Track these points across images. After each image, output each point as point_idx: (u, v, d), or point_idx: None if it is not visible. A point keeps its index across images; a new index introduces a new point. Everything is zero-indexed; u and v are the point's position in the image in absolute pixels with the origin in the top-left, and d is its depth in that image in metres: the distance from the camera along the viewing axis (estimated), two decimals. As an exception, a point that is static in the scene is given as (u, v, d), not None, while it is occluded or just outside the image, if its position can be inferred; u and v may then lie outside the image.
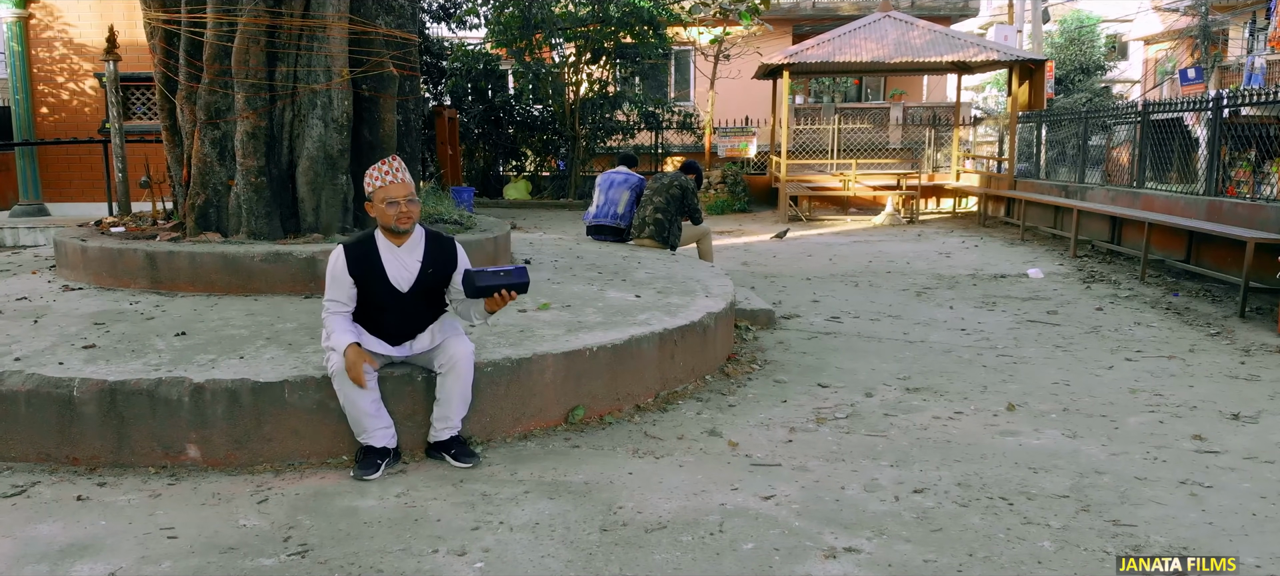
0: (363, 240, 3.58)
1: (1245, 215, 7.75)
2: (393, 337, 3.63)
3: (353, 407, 3.47)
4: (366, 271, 3.52)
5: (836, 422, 4.18)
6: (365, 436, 3.52)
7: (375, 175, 3.50)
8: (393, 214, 3.47)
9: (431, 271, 3.60)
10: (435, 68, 17.24)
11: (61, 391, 3.49)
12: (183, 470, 3.50)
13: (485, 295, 3.48)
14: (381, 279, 3.53)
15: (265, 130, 5.26)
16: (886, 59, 14.51)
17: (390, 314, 3.58)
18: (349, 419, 3.52)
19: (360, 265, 3.52)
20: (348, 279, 3.50)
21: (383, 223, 3.52)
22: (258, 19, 5.11)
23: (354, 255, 3.52)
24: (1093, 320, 6.72)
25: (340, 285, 3.51)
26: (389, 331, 3.61)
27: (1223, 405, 4.53)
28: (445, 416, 3.61)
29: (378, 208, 3.49)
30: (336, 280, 3.52)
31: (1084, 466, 3.64)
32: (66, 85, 11.98)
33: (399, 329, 3.63)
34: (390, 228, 3.51)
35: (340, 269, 3.51)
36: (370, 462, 3.48)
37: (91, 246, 5.14)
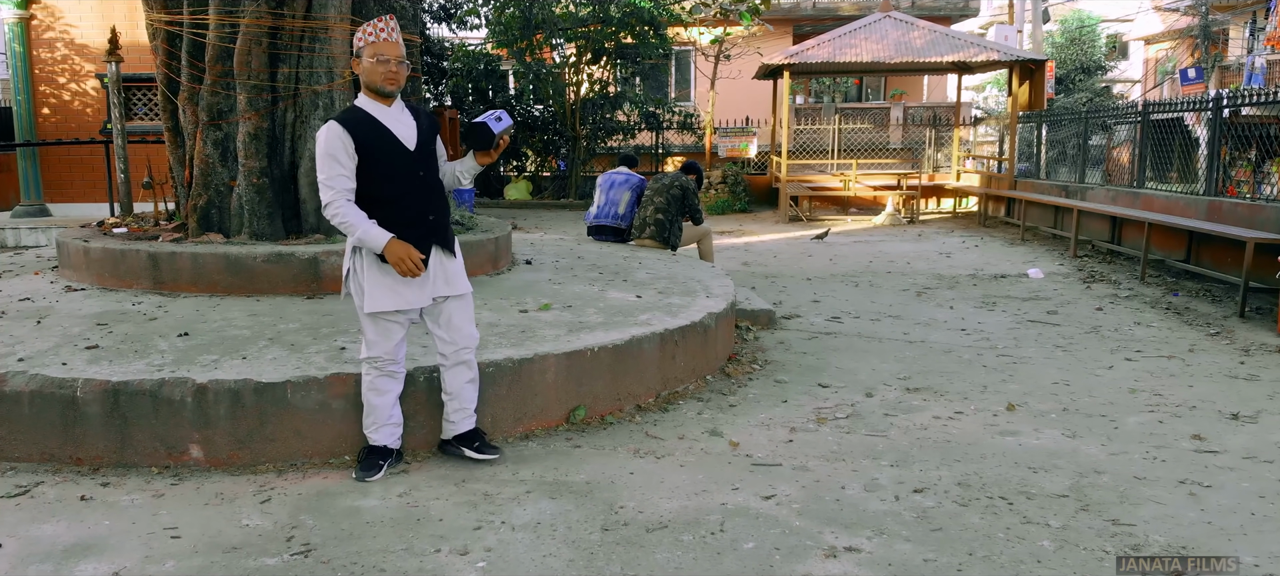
0: (349, 109, 3.29)
1: (1245, 215, 7.76)
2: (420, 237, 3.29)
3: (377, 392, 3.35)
4: (369, 132, 3.20)
5: (837, 422, 4.19)
6: (374, 431, 3.46)
7: (368, 30, 3.19)
8: (382, 72, 3.20)
9: (427, 128, 3.37)
10: (436, 68, 17.26)
11: (65, 392, 3.51)
12: (186, 470, 3.52)
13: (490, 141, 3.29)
14: (388, 137, 3.23)
15: (267, 131, 5.28)
16: (887, 59, 14.52)
17: (406, 184, 3.27)
18: (365, 404, 3.42)
19: (360, 127, 3.19)
20: (349, 144, 3.15)
21: (370, 83, 3.23)
22: (260, 20, 5.12)
23: (348, 120, 3.21)
24: (1093, 320, 6.73)
25: (340, 158, 3.15)
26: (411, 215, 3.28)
27: (1222, 405, 4.55)
28: (462, 407, 3.57)
29: (366, 65, 3.21)
30: (333, 155, 3.14)
31: (1083, 466, 3.65)
32: (68, 86, 12.00)
33: (419, 214, 3.30)
34: (377, 88, 3.24)
35: (336, 136, 3.14)
36: (372, 463, 3.46)
37: (94, 247, 5.15)
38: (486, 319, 4.51)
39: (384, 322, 3.35)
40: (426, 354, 3.86)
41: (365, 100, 3.29)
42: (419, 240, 3.30)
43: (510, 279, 5.67)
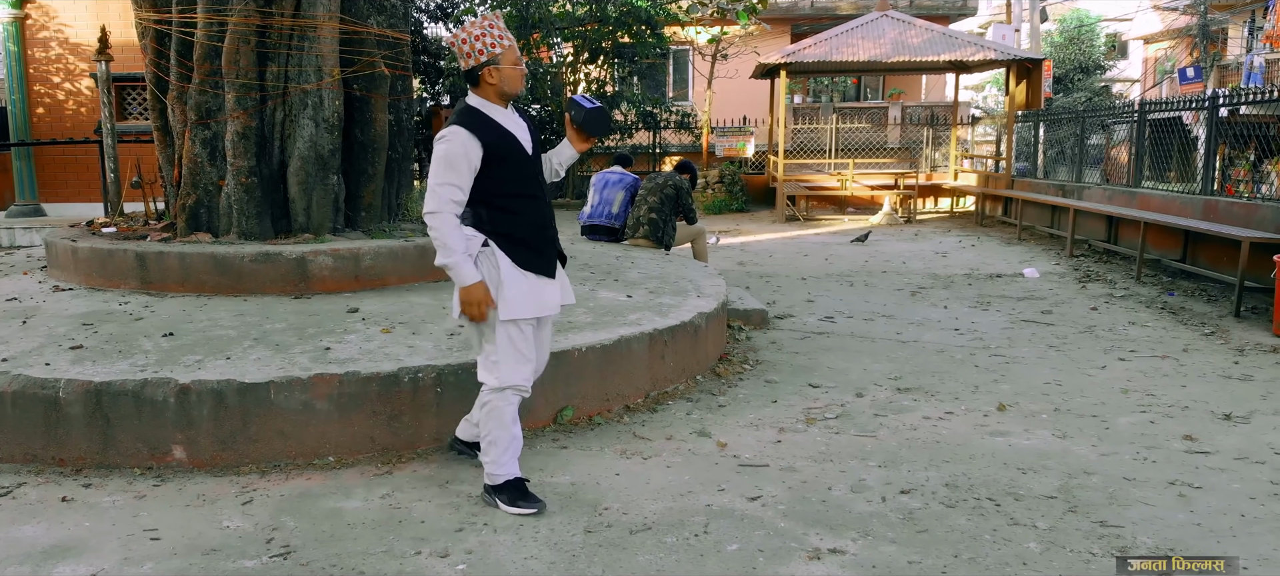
0: (468, 112, 3.06)
1: (1241, 215, 7.73)
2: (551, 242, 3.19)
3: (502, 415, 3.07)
4: (496, 137, 3.02)
5: (826, 423, 4.17)
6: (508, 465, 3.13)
7: (491, 39, 3.01)
8: (519, 76, 3.09)
9: (533, 131, 3.24)
10: (433, 67, 17.24)
11: (47, 392, 3.48)
12: (168, 471, 3.49)
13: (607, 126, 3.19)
14: (513, 141, 3.06)
15: (256, 130, 5.25)
16: (884, 58, 14.50)
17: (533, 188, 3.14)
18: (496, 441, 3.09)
19: (488, 132, 3.00)
20: (476, 153, 2.95)
21: (507, 89, 3.08)
22: (248, 19, 5.10)
23: (475, 125, 2.99)
24: (1087, 320, 6.71)
25: (460, 167, 2.94)
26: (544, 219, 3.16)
27: (1215, 405, 4.52)
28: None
29: (505, 71, 3.05)
30: (454, 162, 2.94)
31: (1073, 467, 3.63)
32: (62, 85, 11.98)
33: (548, 218, 3.18)
34: (509, 94, 3.09)
35: (463, 142, 2.93)
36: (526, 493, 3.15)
37: (82, 247, 5.13)
38: (475, 319, 4.48)
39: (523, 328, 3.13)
40: (411, 354, 3.84)
41: (482, 103, 3.09)
42: (550, 245, 3.20)
43: (501, 278, 5.64)
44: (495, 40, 3.03)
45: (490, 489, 3.19)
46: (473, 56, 3.03)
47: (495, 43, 3.03)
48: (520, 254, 3.09)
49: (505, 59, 3.05)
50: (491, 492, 3.19)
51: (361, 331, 4.18)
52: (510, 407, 3.12)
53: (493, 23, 3.06)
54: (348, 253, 5.01)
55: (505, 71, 3.06)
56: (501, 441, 3.13)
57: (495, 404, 3.11)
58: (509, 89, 3.09)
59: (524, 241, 3.11)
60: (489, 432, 3.13)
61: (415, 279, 5.26)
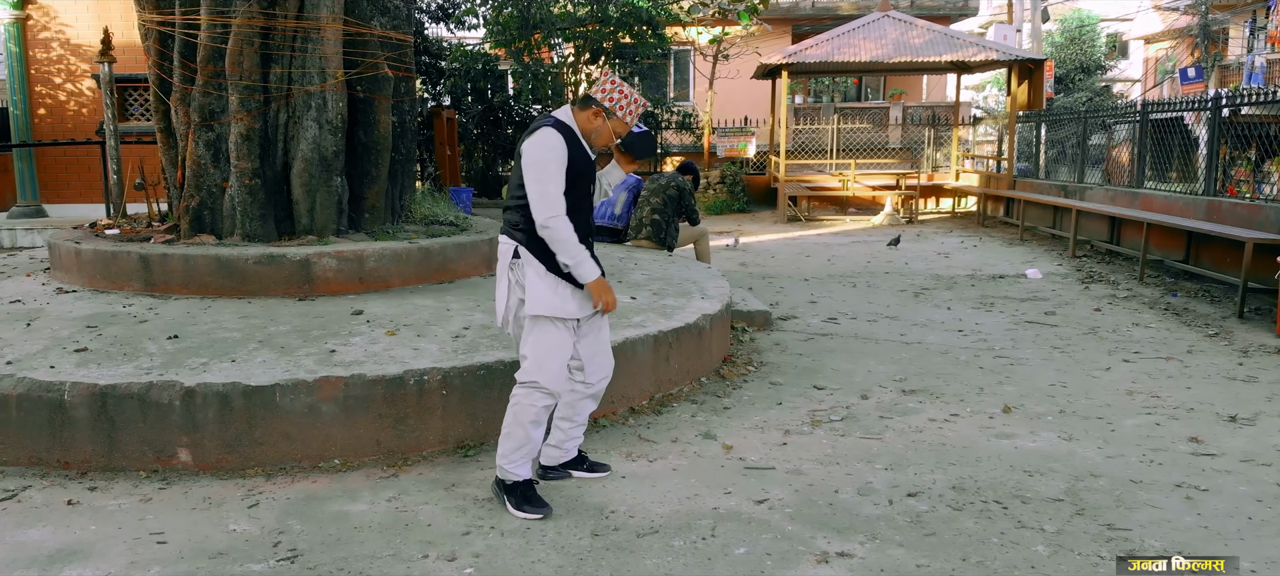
0: (556, 120, 3.16)
1: (1244, 215, 7.72)
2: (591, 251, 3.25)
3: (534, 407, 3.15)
4: (576, 149, 3.13)
5: (831, 425, 4.16)
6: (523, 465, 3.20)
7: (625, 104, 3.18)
8: (609, 137, 3.22)
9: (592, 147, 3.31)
10: (434, 68, 17.22)
11: (53, 395, 3.48)
12: (174, 474, 3.49)
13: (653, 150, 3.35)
14: (586, 155, 3.18)
15: (259, 132, 5.25)
16: (885, 59, 14.49)
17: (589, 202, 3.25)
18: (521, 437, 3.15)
19: (572, 142, 3.12)
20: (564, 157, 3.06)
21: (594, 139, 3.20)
22: (252, 21, 5.09)
23: (564, 131, 3.12)
24: (1090, 321, 6.70)
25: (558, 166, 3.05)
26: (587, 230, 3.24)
27: (1220, 407, 4.51)
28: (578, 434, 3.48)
29: (603, 128, 3.19)
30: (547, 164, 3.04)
31: (1079, 469, 3.62)
32: (64, 86, 11.97)
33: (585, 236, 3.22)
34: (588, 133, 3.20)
35: (557, 145, 3.05)
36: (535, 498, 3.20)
37: (85, 249, 5.12)
38: (479, 321, 4.48)
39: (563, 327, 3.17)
40: (417, 356, 3.83)
41: (571, 118, 3.19)
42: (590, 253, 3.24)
43: (504, 280, 5.63)
44: (626, 107, 3.20)
45: (501, 485, 3.22)
46: (602, 96, 3.19)
47: (625, 108, 3.20)
48: (552, 261, 3.14)
49: (615, 121, 3.21)
50: (501, 489, 3.22)
51: (366, 334, 4.18)
52: (533, 407, 3.16)
53: (637, 98, 3.24)
54: (352, 255, 5.01)
55: (609, 124, 3.21)
56: (517, 437, 3.17)
57: (519, 398, 3.17)
58: (596, 139, 3.22)
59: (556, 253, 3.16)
60: (509, 427, 3.19)
61: (418, 281, 5.25)
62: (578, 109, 3.21)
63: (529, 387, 3.15)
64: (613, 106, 3.19)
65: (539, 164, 3.04)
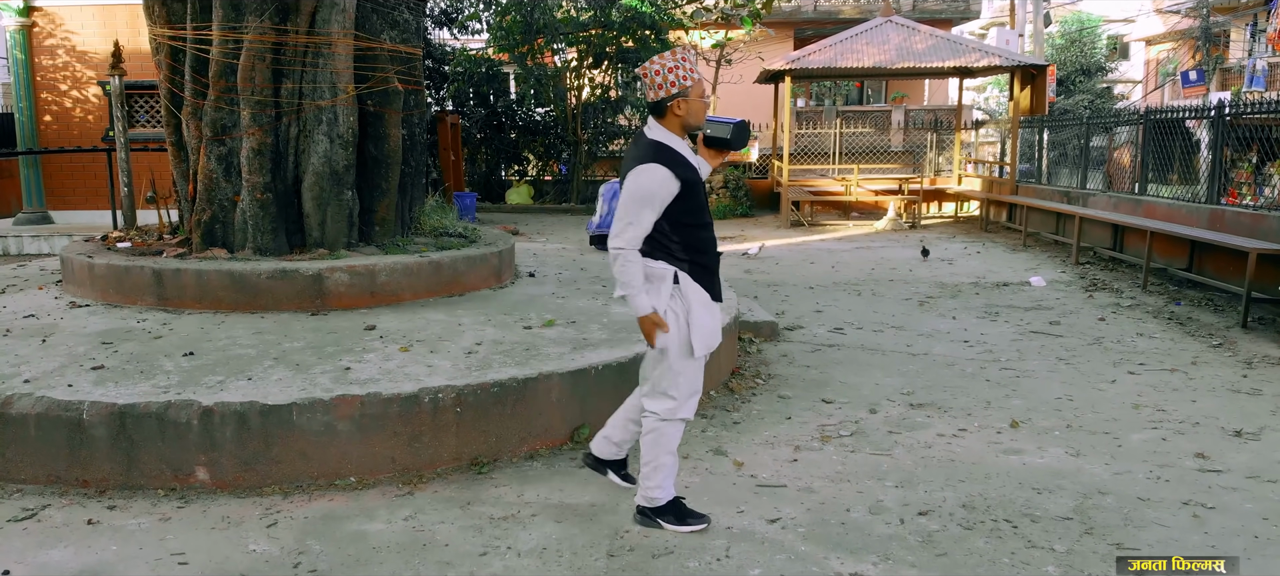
0: (658, 146, 3.08)
1: (1248, 224, 7.76)
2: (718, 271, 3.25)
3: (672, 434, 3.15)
4: (687, 171, 3.05)
5: (841, 441, 4.20)
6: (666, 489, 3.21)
7: (683, 72, 3.05)
8: (703, 109, 3.13)
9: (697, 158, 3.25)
10: (437, 72, 17.27)
11: (71, 414, 3.52)
12: (192, 492, 3.53)
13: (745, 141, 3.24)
14: (696, 172, 3.11)
15: (271, 146, 5.29)
16: (888, 64, 14.52)
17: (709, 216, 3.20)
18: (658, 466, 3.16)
19: (681, 167, 3.04)
20: (673, 191, 2.99)
21: (692, 121, 3.12)
22: (263, 36, 5.13)
23: (672, 161, 3.02)
24: (1095, 331, 6.74)
25: (654, 206, 2.99)
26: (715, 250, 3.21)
27: (1225, 421, 4.55)
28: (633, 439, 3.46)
29: (692, 104, 3.09)
30: (649, 201, 2.98)
31: (1087, 486, 3.66)
32: (70, 93, 12.00)
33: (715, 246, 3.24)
34: (693, 126, 3.14)
35: (663, 181, 2.97)
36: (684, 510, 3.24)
37: (98, 263, 5.16)
38: (491, 336, 4.52)
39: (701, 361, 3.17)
40: (431, 373, 3.87)
41: (668, 136, 3.11)
42: (717, 269, 3.25)
43: (514, 293, 5.68)
44: (686, 73, 3.08)
45: (650, 512, 3.25)
46: (663, 88, 3.07)
47: (686, 76, 3.08)
48: (706, 280, 3.16)
49: (693, 92, 3.11)
50: (651, 515, 3.25)
51: (380, 350, 4.22)
52: (678, 435, 3.21)
53: (685, 56, 3.11)
54: (363, 269, 5.05)
55: (692, 104, 3.11)
56: (666, 466, 3.21)
57: (664, 431, 3.18)
58: (693, 121, 3.14)
59: (707, 268, 3.18)
60: (654, 458, 3.19)
61: (429, 294, 5.30)
62: (660, 119, 3.13)
63: (676, 422, 3.18)
64: (677, 87, 3.06)
65: (641, 199, 3.00)
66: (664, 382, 3.14)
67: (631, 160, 3.09)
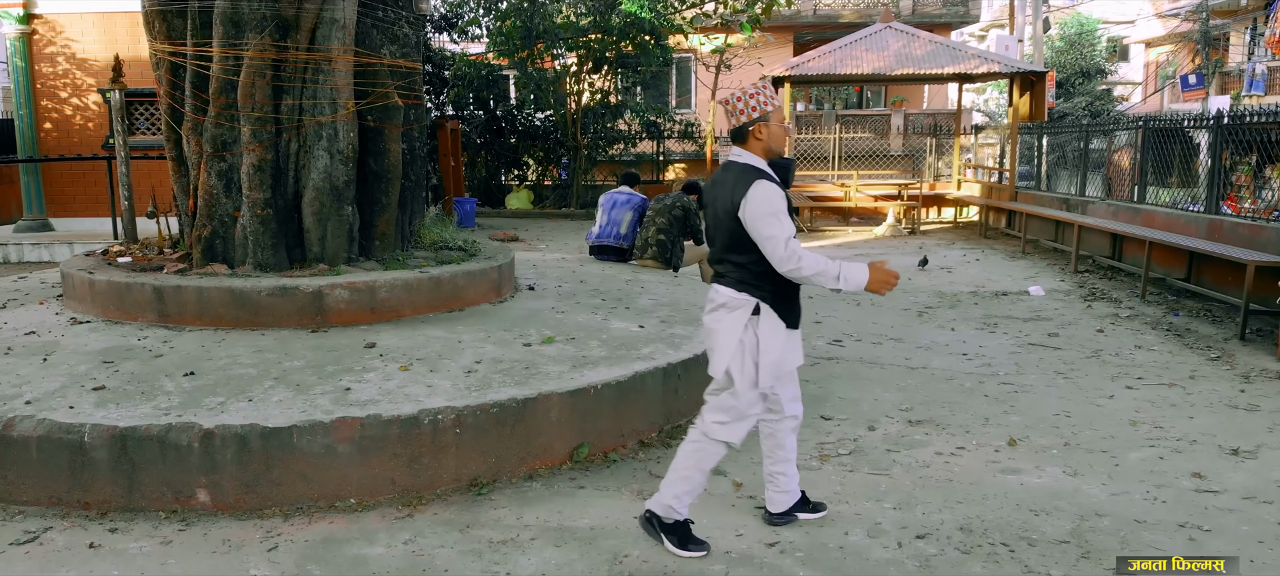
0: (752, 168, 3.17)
1: (1245, 235, 7.77)
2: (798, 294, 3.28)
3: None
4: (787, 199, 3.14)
5: (839, 460, 4.22)
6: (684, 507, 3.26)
7: (764, 98, 3.18)
8: (784, 135, 3.27)
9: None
10: (437, 77, 17.28)
11: (73, 437, 3.53)
12: (193, 515, 3.54)
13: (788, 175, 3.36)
14: (786, 197, 3.18)
15: (271, 162, 5.30)
16: (888, 70, 14.54)
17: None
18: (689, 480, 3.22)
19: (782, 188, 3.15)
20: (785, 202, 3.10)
21: (774, 146, 3.23)
22: (263, 53, 5.14)
23: (772, 178, 3.15)
24: (1094, 343, 6.75)
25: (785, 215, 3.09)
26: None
27: (1222, 438, 4.56)
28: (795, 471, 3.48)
29: (773, 129, 3.21)
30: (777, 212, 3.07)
31: (1085, 508, 3.67)
32: (69, 100, 12.02)
33: None
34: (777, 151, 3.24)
35: (779, 193, 3.09)
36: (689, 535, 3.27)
37: (99, 280, 5.17)
38: (490, 354, 4.54)
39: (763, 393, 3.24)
40: (430, 394, 3.89)
41: (754, 159, 3.22)
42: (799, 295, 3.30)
43: (513, 307, 5.69)
44: (767, 99, 3.21)
45: (659, 523, 3.29)
46: (745, 113, 3.20)
47: (767, 101, 3.21)
48: (785, 309, 3.21)
49: (774, 117, 3.22)
50: (659, 527, 3.29)
51: (380, 369, 4.23)
52: (718, 456, 3.27)
53: (764, 85, 3.25)
54: (363, 286, 5.06)
55: (773, 129, 3.22)
56: (695, 482, 3.27)
57: (708, 449, 3.24)
58: (774, 145, 3.25)
59: (789, 296, 3.22)
60: (686, 470, 3.25)
61: (429, 309, 5.31)
62: (743, 144, 3.24)
63: (723, 444, 3.23)
64: (759, 111, 3.18)
65: (772, 215, 3.06)
66: (726, 413, 3.21)
67: (732, 187, 3.14)
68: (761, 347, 3.14)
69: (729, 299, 3.19)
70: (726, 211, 3.16)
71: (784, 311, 3.20)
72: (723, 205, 3.18)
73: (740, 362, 3.15)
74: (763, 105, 3.18)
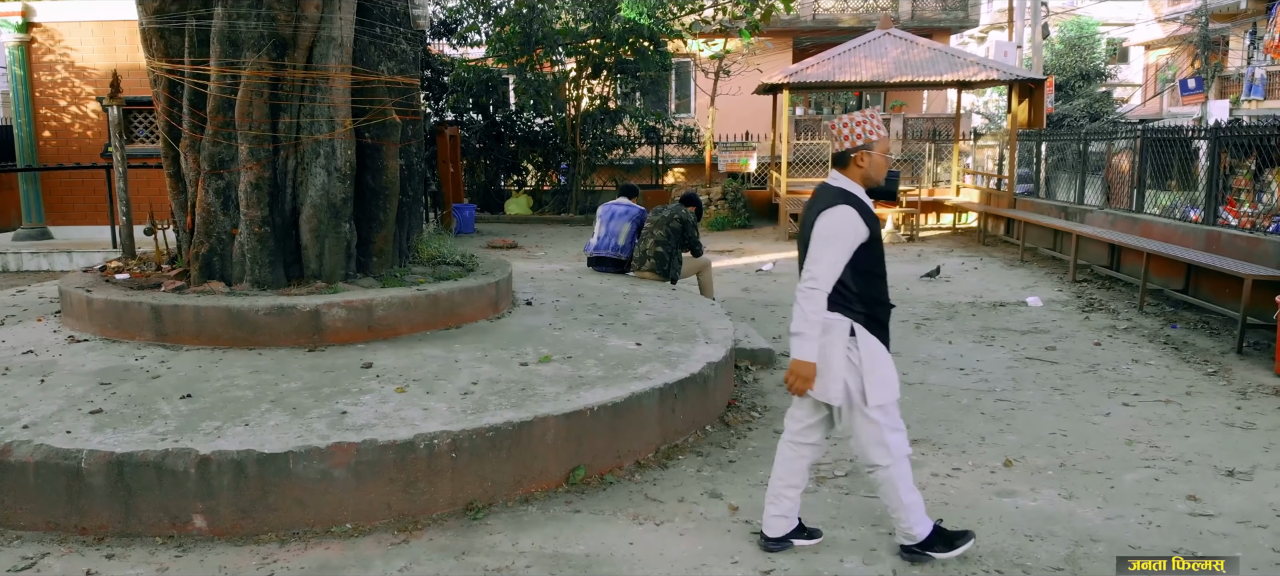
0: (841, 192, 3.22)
1: (1243, 248, 7.78)
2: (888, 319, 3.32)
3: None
4: (872, 219, 3.20)
5: (836, 481, 4.22)
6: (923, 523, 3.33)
7: (871, 127, 3.23)
8: (884, 165, 3.28)
9: None
10: (436, 83, 17.29)
11: (70, 462, 3.54)
12: (189, 540, 3.55)
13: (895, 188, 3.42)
14: (879, 226, 3.25)
15: (268, 180, 5.31)
16: (887, 77, 14.55)
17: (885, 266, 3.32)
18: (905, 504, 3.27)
19: (867, 214, 3.18)
20: (862, 235, 3.14)
21: (873, 175, 3.26)
22: (261, 72, 5.15)
23: (860, 206, 3.17)
24: (1091, 356, 6.76)
25: (848, 247, 3.13)
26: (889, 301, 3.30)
27: (1218, 459, 4.57)
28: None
29: (875, 159, 3.26)
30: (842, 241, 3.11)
31: (1079, 533, 3.68)
32: (68, 108, 12.02)
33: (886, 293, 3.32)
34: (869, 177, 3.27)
35: (854, 224, 3.12)
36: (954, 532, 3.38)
37: (97, 298, 5.18)
38: (487, 374, 4.54)
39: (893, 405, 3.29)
40: (427, 417, 3.89)
41: (851, 185, 3.26)
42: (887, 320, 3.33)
43: (511, 324, 5.70)
44: (873, 129, 3.26)
45: (914, 549, 3.37)
46: (850, 140, 3.27)
47: (873, 131, 3.26)
48: (879, 330, 3.26)
49: (878, 148, 3.27)
50: (919, 550, 3.36)
51: (376, 391, 4.24)
52: (908, 472, 3.32)
53: (874, 114, 3.30)
54: (361, 304, 5.07)
55: (875, 159, 3.27)
56: (913, 503, 3.32)
57: (893, 475, 3.29)
58: (873, 175, 3.29)
59: (881, 320, 3.28)
60: (895, 503, 3.31)
61: (426, 327, 5.32)
62: (842, 169, 3.30)
63: (891, 465, 3.27)
64: (863, 140, 3.24)
65: (832, 237, 3.13)
66: (873, 440, 3.26)
67: (818, 207, 3.21)
68: (870, 363, 3.20)
69: (825, 321, 3.23)
70: (812, 229, 3.22)
71: (878, 332, 3.25)
72: (810, 225, 3.23)
73: (857, 383, 3.21)
74: (868, 134, 3.24)
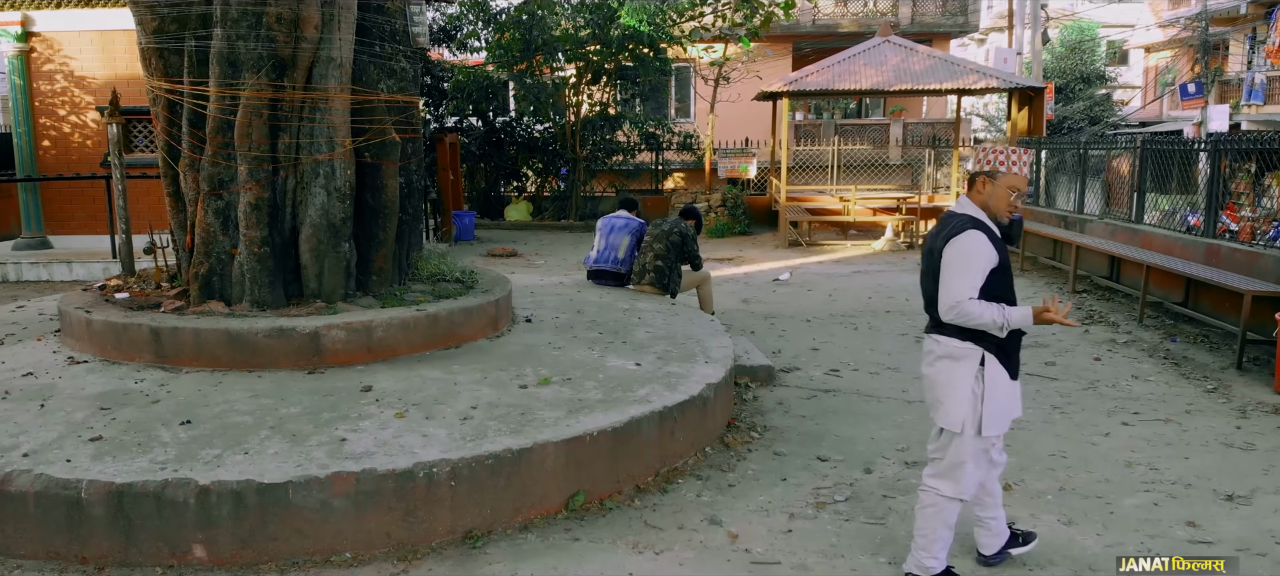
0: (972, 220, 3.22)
1: (1243, 261, 7.78)
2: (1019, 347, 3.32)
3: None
4: (1001, 248, 3.20)
5: (836, 507, 4.22)
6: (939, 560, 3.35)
7: (1001, 157, 3.22)
8: (1006, 202, 3.25)
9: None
10: (436, 89, 17.30)
11: (70, 492, 3.54)
12: (189, 570, 3.55)
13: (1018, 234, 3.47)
14: (1007, 253, 3.24)
15: (268, 200, 5.31)
16: (886, 85, 14.55)
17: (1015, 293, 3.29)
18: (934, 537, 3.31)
19: (997, 244, 3.18)
20: (993, 259, 3.14)
21: (991, 205, 3.25)
22: (260, 92, 5.15)
23: (988, 232, 3.18)
24: (1091, 372, 6.76)
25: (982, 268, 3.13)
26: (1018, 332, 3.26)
27: (1217, 482, 4.57)
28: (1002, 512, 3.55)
29: (998, 191, 3.24)
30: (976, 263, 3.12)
31: (1078, 561, 3.68)
32: (68, 118, 12.03)
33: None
34: (987, 206, 3.26)
35: (986, 247, 3.13)
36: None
37: (96, 319, 5.18)
38: (487, 397, 4.54)
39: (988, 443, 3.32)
40: (426, 444, 3.89)
41: (976, 210, 3.27)
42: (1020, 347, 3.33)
43: (510, 343, 5.70)
44: (1005, 160, 3.25)
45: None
46: (981, 163, 3.31)
47: (1002, 162, 3.25)
48: (1009, 361, 3.26)
49: (1002, 180, 3.25)
50: None
51: (376, 416, 4.24)
52: (957, 512, 3.34)
53: (1015, 152, 3.26)
54: (360, 326, 5.07)
55: (997, 188, 3.25)
56: (945, 540, 3.35)
57: (944, 508, 3.32)
58: (993, 205, 3.27)
59: (1013, 348, 3.27)
60: (930, 530, 3.33)
61: (425, 347, 5.31)
62: (968, 191, 3.32)
63: (952, 500, 3.30)
64: (990, 165, 3.25)
65: (966, 263, 3.13)
66: (953, 468, 3.29)
67: (945, 233, 3.21)
68: (988, 397, 3.20)
69: (954, 349, 3.23)
70: (939, 255, 3.21)
71: (1007, 362, 3.24)
72: (937, 253, 3.22)
73: (972, 412, 3.21)
74: (994, 162, 3.24)
